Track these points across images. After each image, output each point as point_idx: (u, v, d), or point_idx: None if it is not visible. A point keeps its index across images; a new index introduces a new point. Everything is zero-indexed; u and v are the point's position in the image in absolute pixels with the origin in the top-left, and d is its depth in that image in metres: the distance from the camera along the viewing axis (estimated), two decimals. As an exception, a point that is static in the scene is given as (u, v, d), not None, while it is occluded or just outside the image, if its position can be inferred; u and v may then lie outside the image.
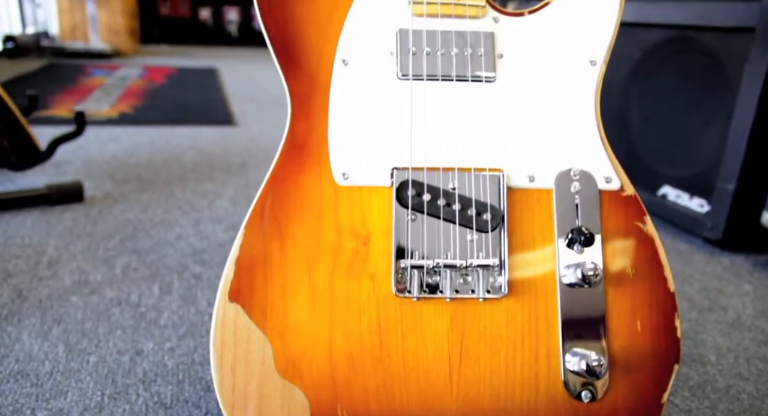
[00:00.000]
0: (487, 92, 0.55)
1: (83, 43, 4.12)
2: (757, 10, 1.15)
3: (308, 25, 0.54)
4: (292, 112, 0.54)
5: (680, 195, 1.36)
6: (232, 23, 5.64)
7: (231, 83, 3.28)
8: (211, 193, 1.44)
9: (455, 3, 0.55)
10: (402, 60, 0.54)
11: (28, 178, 1.45)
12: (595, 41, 0.56)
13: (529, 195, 0.54)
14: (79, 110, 1.34)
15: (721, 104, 1.26)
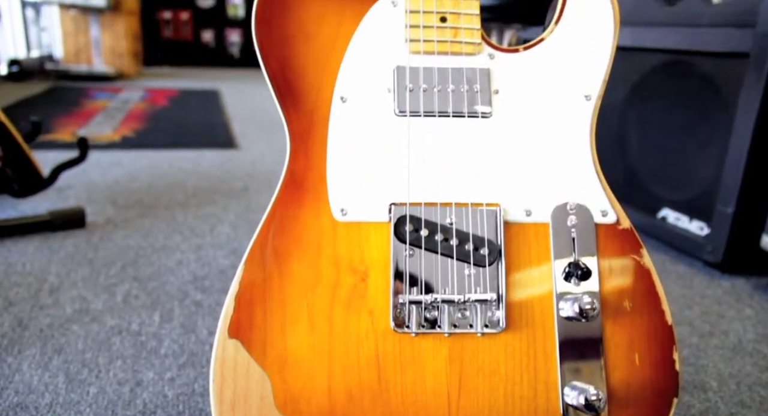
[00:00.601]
0: (484, 128, 0.56)
1: (87, 66, 4.16)
2: (750, 37, 1.16)
3: (307, 62, 0.55)
4: (291, 148, 0.55)
5: (680, 218, 1.37)
6: (234, 45, 5.69)
7: (232, 105, 3.31)
8: (213, 217, 1.45)
9: (451, 40, 0.56)
10: (399, 97, 0.55)
11: (31, 203, 1.46)
12: (589, 76, 0.57)
13: (526, 229, 0.55)
14: (82, 136, 1.35)
15: (718, 127, 1.27)
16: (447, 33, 0.56)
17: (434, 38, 0.56)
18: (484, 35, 0.57)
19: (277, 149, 2.22)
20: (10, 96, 3.17)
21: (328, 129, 0.55)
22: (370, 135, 0.55)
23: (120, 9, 4.25)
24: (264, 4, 0.55)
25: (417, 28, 0.56)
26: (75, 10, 4.14)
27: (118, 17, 4.25)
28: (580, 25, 0.57)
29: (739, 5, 1.20)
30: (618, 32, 0.57)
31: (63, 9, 4.14)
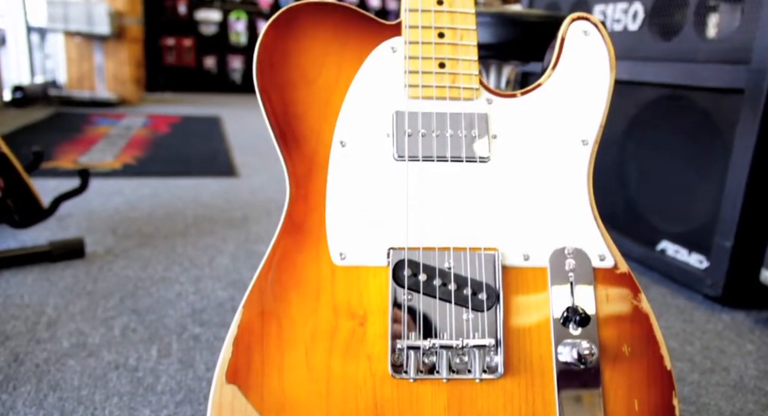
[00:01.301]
0: (482, 172, 0.56)
1: (90, 92, 4.20)
2: (744, 73, 1.18)
3: (307, 107, 0.56)
4: (291, 192, 0.55)
5: (679, 250, 1.37)
6: (236, 71, 5.75)
7: (234, 132, 3.33)
8: (212, 248, 1.45)
9: (450, 86, 0.57)
10: (398, 141, 0.56)
11: (31, 232, 1.46)
12: (586, 121, 0.58)
13: (524, 274, 0.55)
14: (84, 166, 1.36)
15: (715, 160, 1.28)
16: (445, 78, 0.57)
17: (433, 84, 0.57)
18: (482, 80, 0.58)
19: (277, 178, 2.23)
20: (13, 122, 3.20)
21: (327, 173, 0.55)
22: (369, 179, 0.55)
23: (124, 36, 4.30)
24: (266, 50, 0.56)
25: (416, 74, 0.57)
26: (79, 38, 4.19)
27: (121, 44, 4.31)
28: (576, 71, 0.58)
29: (733, 42, 1.22)
30: (614, 78, 0.58)
31: (68, 36, 4.19)
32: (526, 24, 0.97)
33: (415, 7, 0.57)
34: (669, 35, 1.38)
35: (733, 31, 1.23)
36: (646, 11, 1.44)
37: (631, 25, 1.48)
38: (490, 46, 0.97)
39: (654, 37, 1.42)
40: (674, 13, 1.38)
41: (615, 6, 1.53)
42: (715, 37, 1.30)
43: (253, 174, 2.29)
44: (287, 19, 0.57)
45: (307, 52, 0.57)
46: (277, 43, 0.56)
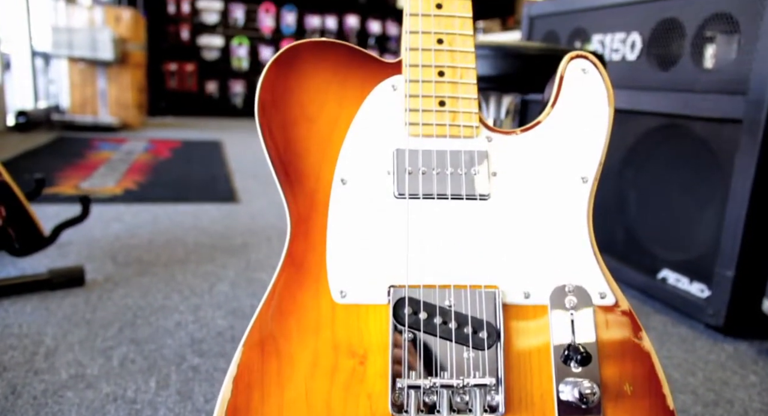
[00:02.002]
0: (482, 210, 0.56)
1: (92, 117, 4.23)
2: (742, 103, 1.19)
3: (309, 145, 0.57)
4: (292, 230, 0.55)
5: (680, 279, 1.36)
6: (237, 96, 5.80)
7: (234, 157, 3.35)
8: (212, 276, 1.45)
9: (450, 124, 0.57)
10: (399, 179, 0.56)
11: (30, 260, 1.46)
12: (585, 159, 0.58)
13: (524, 312, 0.55)
14: (85, 194, 1.36)
15: (714, 188, 1.28)
16: (445, 117, 0.57)
17: (433, 122, 0.57)
18: (481, 118, 0.59)
19: (277, 204, 2.24)
20: (16, 147, 3.21)
21: (328, 211, 0.55)
22: (370, 217, 0.55)
23: (127, 62, 4.35)
24: (267, 88, 0.57)
25: (416, 112, 0.57)
26: (83, 63, 4.24)
27: (124, 70, 4.35)
28: (575, 108, 0.59)
29: (730, 73, 1.23)
30: (613, 116, 0.59)
31: (71, 62, 4.24)
32: (525, 57, 0.98)
33: (415, 46, 0.58)
34: (667, 65, 1.40)
35: (730, 62, 1.24)
36: (643, 41, 1.46)
37: (629, 54, 1.50)
38: (489, 79, 0.98)
39: (652, 67, 1.44)
40: (671, 44, 1.39)
41: (613, 36, 1.55)
42: (713, 67, 1.31)
43: (253, 199, 2.30)
44: (289, 58, 0.58)
45: (308, 90, 0.57)
46: (278, 82, 0.57)
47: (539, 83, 0.99)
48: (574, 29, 1.71)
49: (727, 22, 1.25)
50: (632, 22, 1.49)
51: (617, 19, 1.54)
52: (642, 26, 1.46)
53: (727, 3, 1.24)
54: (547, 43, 1.13)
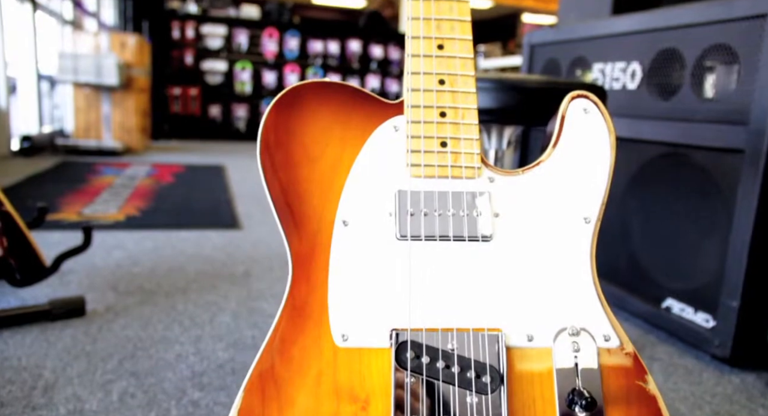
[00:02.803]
0: (484, 251, 0.56)
1: (96, 141, 4.26)
2: (743, 133, 1.19)
3: (310, 186, 0.57)
4: (293, 272, 0.55)
5: (684, 309, 1.35)
6: (240, 119, 5.84)
7: (237, 181, 3.35)
8: (213, 306, 1.44)
9: (452, 165, 0.57)
10: (401, 221, 0.56)
11: (31, 289, 1.46)
12: (588, 199, 0.58)
13: (528, 355, 0.54)
14: (87, 223, 1.36)
15: (718, 217, 1.28)
16: (447, 158, 0.57)
17: (435, 163, 0.57)
18: (483, 158, 0.59)
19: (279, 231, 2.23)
20: (20, 172, 3.23)
21: (330, 253, 0.55)
22: (372, 259, 0.55)
23: (131, 86, 4.39)
24: (269, 129, 0.57)
25: (418, 153, 0.57)
26: (88, 88, 4.28)
27: (129, 94, 4.39)
28: (577, 149, 0.59)
29: (731, 103, 1.24)
30: (615, 156, 0.59)
31: (77, 87, 4.28)
32: (527, 90, 0.98)
33: (417, 87, 0.58)
34: (667, 95, 1.41)
35: (730, 92, 1.25)
36: (643, 71, 1.47)
37: (629, 83, 1.51)
38: (491, 111, 0.98)
39: (653, 96, 1.44)
40: (671, 74, 1.40)
41: (614, 65, 1.56)
42: (713, 97, 1.31)
43: (255, 226, 2.29)
44: (291, 99, 0.58)
45: (310, 131, 0.57)
46: (280, 122, 0.57)
47: (540, 116, 1.00)
48: (574, 58, 1.73)
49: (726, 53, 1.26)
50: (632, 52, 1.50)
51: (617, 48, 1.55)
52: (642, 56, 1.47)
53: (726, 34, 1.25)
54: (548, 76, 1.14)
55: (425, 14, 0.60)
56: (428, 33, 0.60)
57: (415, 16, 0.60)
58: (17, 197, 2.57)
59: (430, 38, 0.60)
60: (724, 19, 1.25)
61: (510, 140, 1.16)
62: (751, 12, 1.19)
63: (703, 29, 1.31)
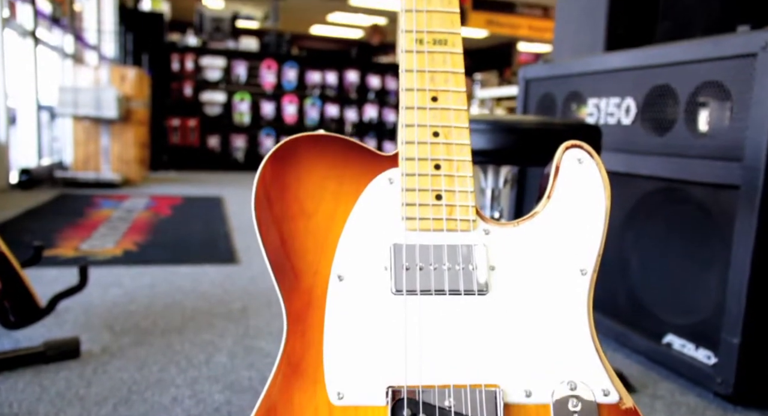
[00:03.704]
0: (480, 306, 0.56)
1: (95, 173, 4.27)
2: (738, 170, 1.20)
3: (305, 241, 0.56)
4: (288, 329, 0.54)
5: (685, 345, 1.34)
6: (238, 150, 5.87)
7: (235, 213, 3.35)
8: (210, 345, 1.42)
9: (447, 218, 0.57)
10: (396, 275, 0.56)
11: (25, 330, 1.44)
12: (584, 251, 0.58)
13: (526, 411, 0.53)
14: (84, 263, 1.36)
15: (715, 252, 1.27)
16: (442, 210, 0.57)
17: (430, 216, 0.57)
18: (478, 210, 0.59)
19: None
20: (18, 206, 3.23)
21: (325, 309, 0.55)
22: (367, 315, 0.55)
23: (130, 119, 4.42)
24: (265, 183, 0.57)
25: (413, 206, 0.57)
26: (87, 121, 4.31)
27: (128, 126, 4.42)
28: (572, 200, 0.59)
29: (725, 139, 1.25)
30: (610, 207, 0.59)
31: (76, 120, 4.31)
32: (521, 131, 0.99)
33: (411, 140, 0.59)
34: (662, 130, 1.42)
35: (724, 128, 1.26)
36: (638, 106, 1.48)
37: (624, 119, 1.52)
38: (486, 153, 0.99)
39: (647, 131, 1.46)
40: (665, 110, 1.41)
41: (608, 100, 1.58)
42: (707, 132, 1.32)
43: (253, 260, 2.29)
44: (286, 152, 0.58)
45: (306, 185, 0.58)
46: (276, 176, 0.57)
47: (536, 157, 1.00)
48: (569, 92, 1.74)
49: (718, 90, 1.27)
50: (626, 88, 1.52)
51: (611, 84, 1.57)
52: (636, 92, 1.48)
53: (717, 72, 1.27)
54: (543, 117, 1.14)
55: (419, 66, 0.61)
56: (422, 85, 0.60)
57: (408, 69, 0.61)
58: (15, 232, 2.56)
59: (424, 90, 0.60)
60: (714, 57, 1.27)
61: (507, 178, 1.16)
62: (741, 51, 1.20)
63: (694, 66, 1.32)
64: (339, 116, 6.11)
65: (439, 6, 0.62)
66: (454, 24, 0.63)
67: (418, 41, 0.61)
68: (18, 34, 3.91)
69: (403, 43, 0.62)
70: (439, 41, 0.62)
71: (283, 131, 5.98)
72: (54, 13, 4.52)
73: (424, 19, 0.62)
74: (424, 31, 0.62)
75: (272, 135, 5.95)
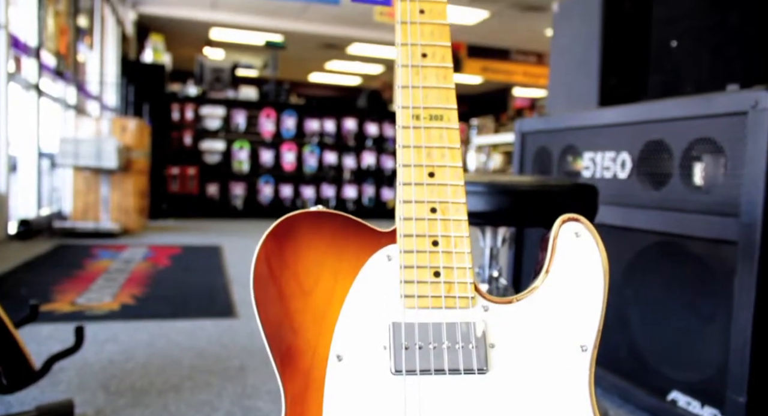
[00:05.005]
0: (480, 384, 0.55)
1: (93, 223, 4.27)
2: (735, 225, 1.20)
3: (304, 320, 0.56)
4: (287, 412, 0.54)
5: (691, 402, 1.32)
6: (237, 198, 5.89)
7: (233, 263, 3.34)
8: (207, 406, 1.40)
9: (445, 296, 0.57)
10: (396, 355, 0.55)
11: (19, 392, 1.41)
12: (583, 327, 0.57)
13: None
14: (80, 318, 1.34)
15: (717, 307, 1.27)
16: (441, 288, 0.57)
17: (428, 294, 0.57)
18: (477, 287, 0.59)
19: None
20: (16, 257, 3.21)
21: (324, 391, 0.54)
22: (367, 397, 0.54)
23: (130, 168, 4.45)
24: (263, 261, 0.57)
25: (411, 284, 0.57)
26: (88, 171, 4.34)
27: (127, 176, 4.45)
28: (570, 275, 0.59)
29: (721, 195, 1.25)
30: (608, 283, 0.59)
31: (77, 170, 4.34)
32: (518, 193, 1.00)
33: (409, 216, 0.59)
34: (658, 185, 1.43)
35: (719, 183, 1.27)
36: (633, 160, 1.50)
37: (620, 173, 1.54)
38: (483, 215, 0.99)
39: (643, 185, 1.47)
40: (661, 164, 1.43)
41: (603, 154, 1.60)
42: (703, 187, 1.33)
43: (251, 314, 2.25)
44: (285, 230, 0.58)
45: (304, 262, 0.58)
46: (274, 254, 0.57)
47: (533, 218, 1.01)
48: (565, 146, 1.77)
49: (712, 146, 1.29)
50: (621, 142, 1.54)
51: (606, 138, 1.59)
52: (630, 146, 1.50)
53: (710, 128, 1.29)
54: (539, 177, 1.15)
55: (416, 142, 0.62)
56: (419, 161, 0.61)
57: (405, 144, 0.62)
58: (11, 285, 2.54)
59: (421, 166, 0.61)
60: (707, 114, 1.29)
61: (504, 237, 1.16)
62: (732, 109, 1.23)
63: (687, 123, 1.34)
64: (337, 163, 6.17)
65: (435, 82, 0.64)
66: (450, 100, 0.64)
67: (414, 117, 0.62)
68: (22, 86, 3.98)
69: (400, 119, 0.63)
70: (436, 117, 0.63)
71: (282, 179, 6.02)
72: (58, 67, 4.61)
73: (420, 95, 0.63)
74: (420, 106, 0.63)
75: (271, 182, 5.99)
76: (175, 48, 9.03)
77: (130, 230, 4.46)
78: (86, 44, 5.75)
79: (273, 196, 5.98)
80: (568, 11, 2.19)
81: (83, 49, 5.66)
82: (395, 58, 0.66)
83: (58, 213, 4.61)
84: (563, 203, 1.02)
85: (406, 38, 0.64)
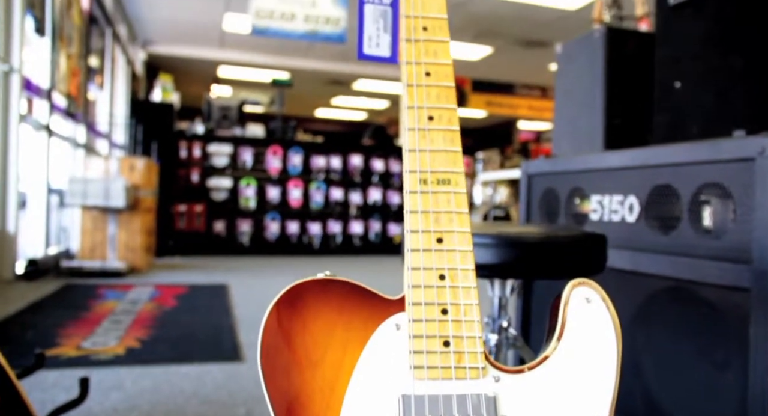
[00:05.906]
0: (494, 461, 0.53)
1: (100, 262, 4.27)
2: (747, 272, 1.19)
3: (312, 393, 0.55)
4: (294, 492, 0.52)
5: (710, 454, 1.28)
6: (244, 234, 5.90)
7: (240, 303, 3.32)
8: (212, 459, 1.37)
9: (455, 366, 0.56)
10: (405, 431, 0.54)
11: (23, 445, 1.39)
12: (597, 398, 0.56)
13: None
14: (84, 376, 1.33)
15: (731, 353, 1.24)
16: (450, 358, 0.56)
17: (438, 364, 0.56)
18: (488, 356, 0.57)
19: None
20: (22, 298, 3.21)
21: (332, 470, 0.53)
22: (376, 475, 0.53)
23: (138, 207, 4.47)
24: (270, 331, 0.56)
25: (421, 354, 0.56)
26: (96, 210, 4.36)
27: (135, 215, 4.47)
28: (582, 342, 0.58)
29: (731, 241, 1.24)
30: (621, 349, 0.58)
31: (85, 209, 4.36)
32: (525, 245, 0.99)
33: (417, 283, 0.59)
34: (666, 229, 1.42)
35: (729, 228, 1.26)
36: (641, 204, 1.49)
37: (628, 216, 1.53)
38: (491, 267, 0.98)
39: (652, 229, 1.46)
40: (669, 208, 1.42)
41: (611, 197, 1.59)
42: (713, 232, 1.32)
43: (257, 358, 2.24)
44: (292, 299, 0.58)
45: (312, 332, 0.57)
46: (281, 324, 0.57)
47: (542, 270, 1.00)
48: (572, 188, 1.76)
49: (720, 191, 1.28)
50: (628, 186, 1.53)
51: (613, 181, 1.59)
52: (638, 190, 1.50)
53: (718, 173, 1.28)
54: (547, 227, 1.15)
55: (423, 207, 0.61)
56: (427, 227, 0.61)
57: (413, 210, 0.61)
58: (17, 328, 2.53)
59: (429, 232, 0.60)
60: (714, 159, 1.29)
61: (513, 286, 1.15)
62: (739, 155, 1.22)
63: (695, 168, 1.34)
64: (344, 199, 6.18)
65: (442, 146, 0.64)
66: (457, 163, 0.64)
67: (422, 181, 0.62)
68: (33, 127, 4.04)
69: (407, 184, 0.63)
70: (443, 181, 0.63)
71: (289, 215, 6.03)
72: (69, 108, 4.68)
73: (428, 158, 0.63)
74: (428, 170, 0.63)
75: (277, 219, 6.00)
76: (183, 85, 9.18)
77: (137, 268, 4.46)
78: (97, 84, 5.85)
79: (279, 232, 5.99)
80: (571, 52, 2.21)
81: (93, 89, 5.76)
82: (401, 96, 0.66)
83: (66, 252, 4.62)
84: (572, 255, 1.01)
85: (412, 101, 0.64)
